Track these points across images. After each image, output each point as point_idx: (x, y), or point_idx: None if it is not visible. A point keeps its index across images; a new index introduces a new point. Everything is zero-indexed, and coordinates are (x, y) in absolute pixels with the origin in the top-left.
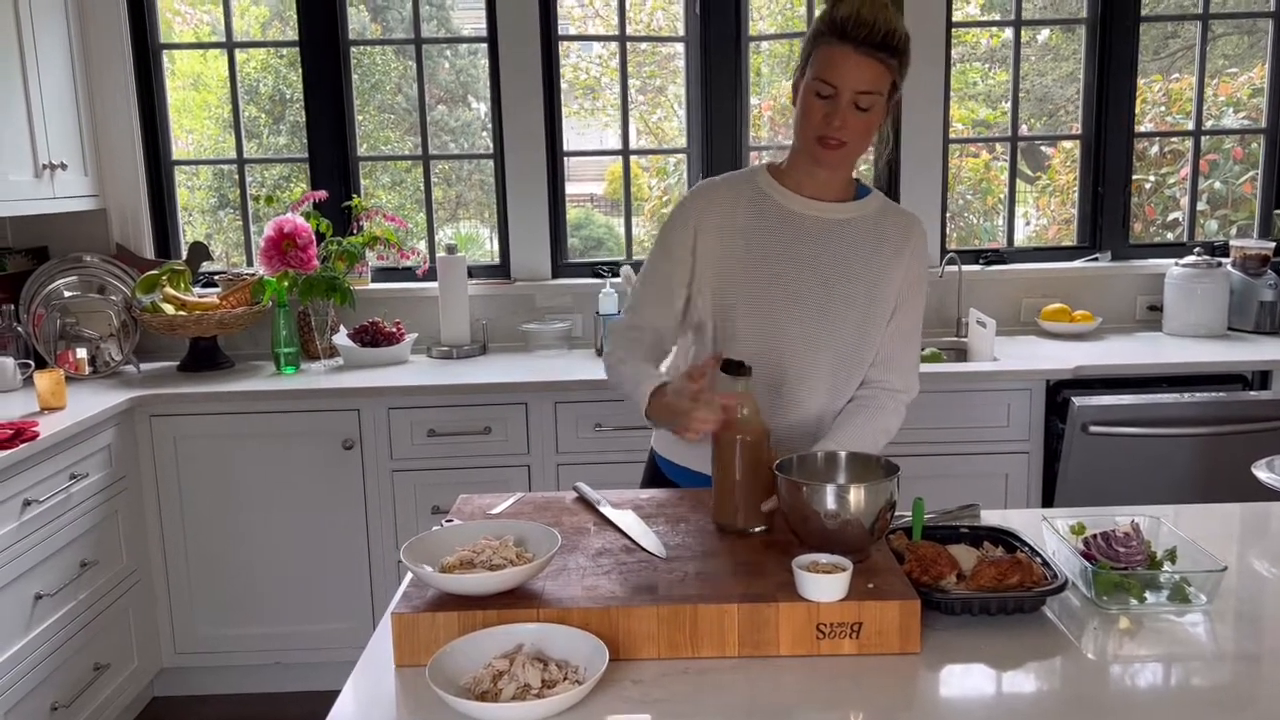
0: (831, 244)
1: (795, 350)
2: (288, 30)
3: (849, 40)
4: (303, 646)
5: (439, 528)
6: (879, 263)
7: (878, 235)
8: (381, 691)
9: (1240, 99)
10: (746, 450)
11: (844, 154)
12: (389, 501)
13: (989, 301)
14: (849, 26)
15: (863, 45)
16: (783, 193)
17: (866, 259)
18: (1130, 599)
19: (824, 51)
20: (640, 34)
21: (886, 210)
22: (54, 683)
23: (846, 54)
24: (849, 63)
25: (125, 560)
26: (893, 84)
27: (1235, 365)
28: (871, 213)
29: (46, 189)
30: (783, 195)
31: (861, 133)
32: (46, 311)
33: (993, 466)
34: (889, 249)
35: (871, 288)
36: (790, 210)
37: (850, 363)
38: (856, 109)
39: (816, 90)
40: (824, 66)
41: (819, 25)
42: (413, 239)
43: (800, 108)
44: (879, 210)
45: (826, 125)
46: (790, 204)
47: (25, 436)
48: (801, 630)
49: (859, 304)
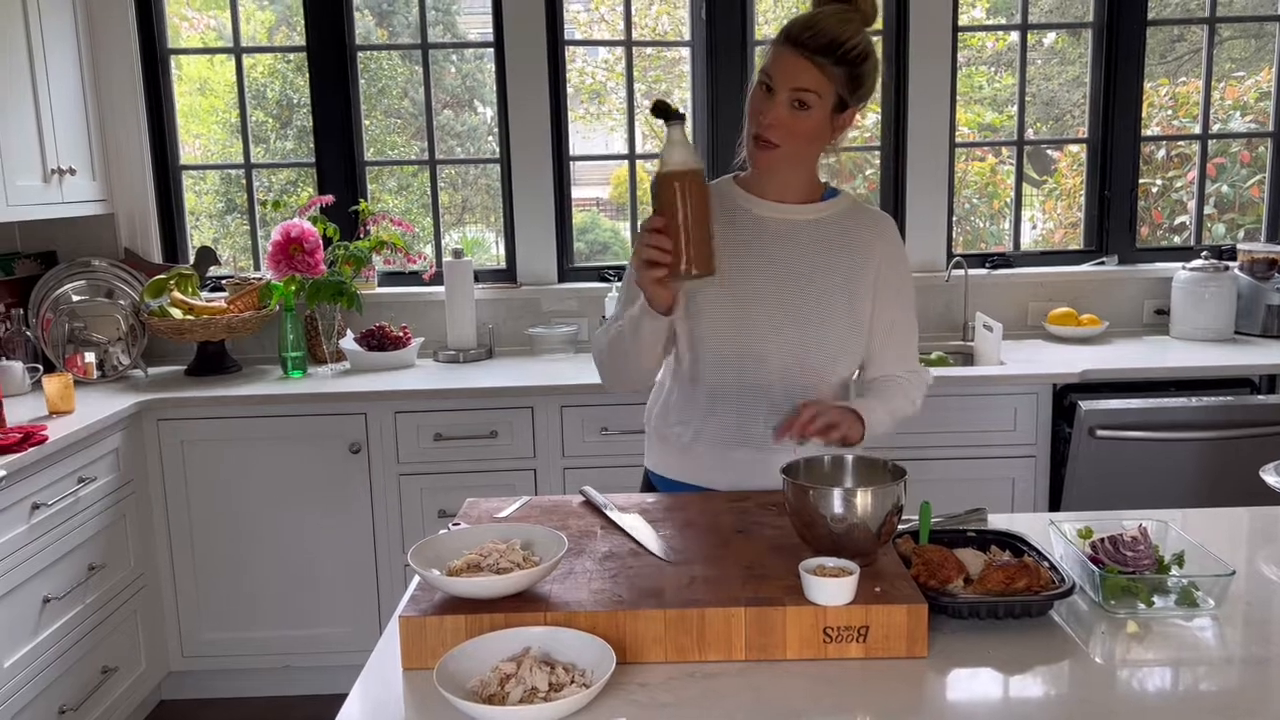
0: (801, 244)
1: (773, 353)
2: (295, 35)
3: (791, 42)
4: (310, 650)
5: (446, 531)
6: (850, 261)
7: (846, 234)
8: (389, 695)
9: (1247, 102)
10: (684, 191)
11: (778, 156)
12: (395, 505)
13: (995, 305)
14: (794, 30)
15: (803, 48)
16: (748, 198)
17: (837, 257)
18: (1138, 603)
19: (770, 51)
20: (646, 39)
21: (855, 210)
22: (62, 686)
23: (787, 53)
24: (787, 60)
25: (133, 564)
26: (839, 96)
27: (1243, 369)
28: (838, 213)
29: (55, 194)
30: (748, 200)
31: (796, 134)
32: (55, 316)
33: (1000, 470)
34: (860, 247)
35: (846, 284)
36: (757, 215)
37: (830, 360)
38: (792, 107)
39: (761, 83)
40: (767, 62)
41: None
42: (419, 243)
43: (746, 110)
44: (847, 210)
45: (759, 122)
46: (755, 208)
47: (34, 440)
48: (808, 634)
49: (835, 302)
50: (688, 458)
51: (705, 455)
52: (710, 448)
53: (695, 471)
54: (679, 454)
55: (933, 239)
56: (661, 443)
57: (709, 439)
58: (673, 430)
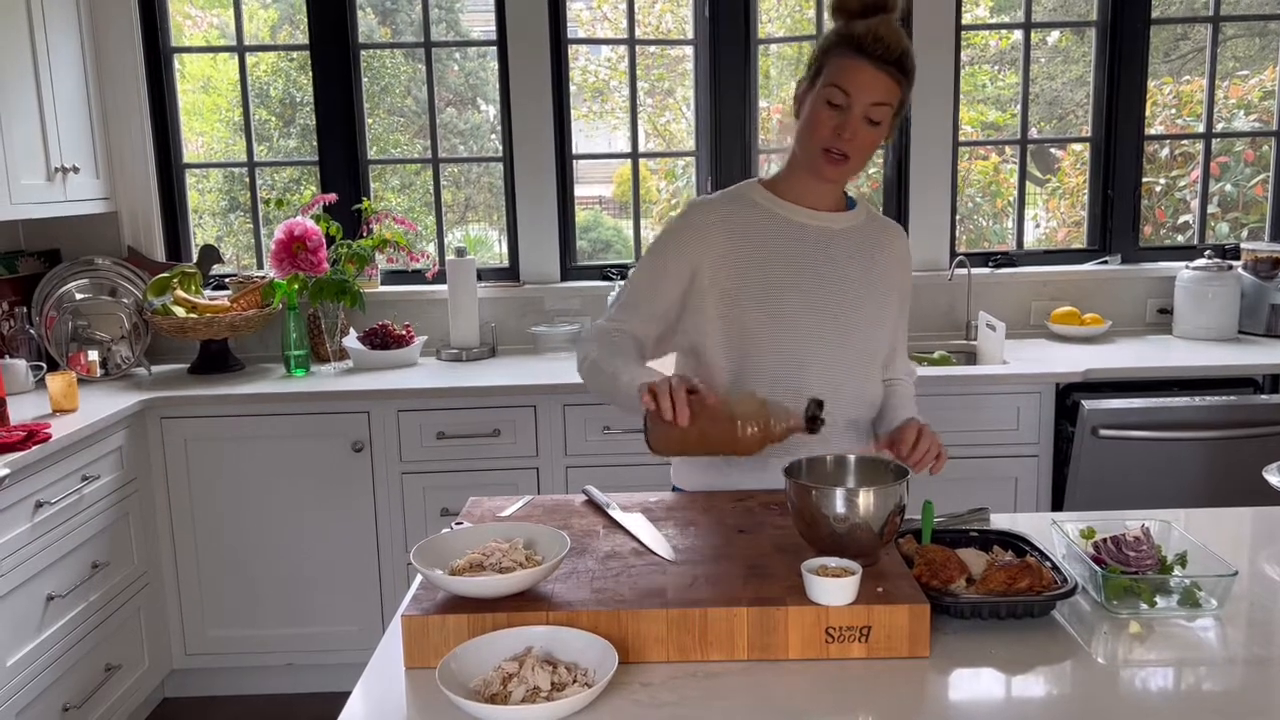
0: (836, 253)
1: (819, 359)
2: (297, 34)
3: (865, 54)
4: (312, 648)
5: (449, 530)
6: (878, 270)
7: (873, 243)
8: (391, 694)
9: (1251, 101)
10: (743, 428)
11: (846, 168)
12: (398, 503)
13: (998, 304)
14: (866, 42)
15: (879, 60)
16: (783, 205)
17: (867, 266)
18: (1140, 603)
19: (839, 62)
20: (649, 37)
21: (874, 219)
22: (65, 683)
23: (862, 64)
24: (866, 74)
25: (136, 562)
26: (900, 102)
27: (1246, 369)
28: (862, 222)
29: (58, 192)
30: (784, 208)
31: (866, 148)
32: (58, 314)
33: (1002, 470)
34: (883, 255)
35: (875, 292)
36: (797, 222)
37: (868, 366)
38: (867, 122)
39: (829, 98)
40: (839, 74)
41: (832, 39)
42: (422, 242)
43: (807, 119)
44: (868, 220)
45: (835, 137)
46: (795, 216)
47: (38, 438)
48: (810, 634)
49: (867, 308)
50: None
51: (742, 462)
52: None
53: (731, 479)
54: (707, 465)
55: (936, 238)
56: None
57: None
58: None
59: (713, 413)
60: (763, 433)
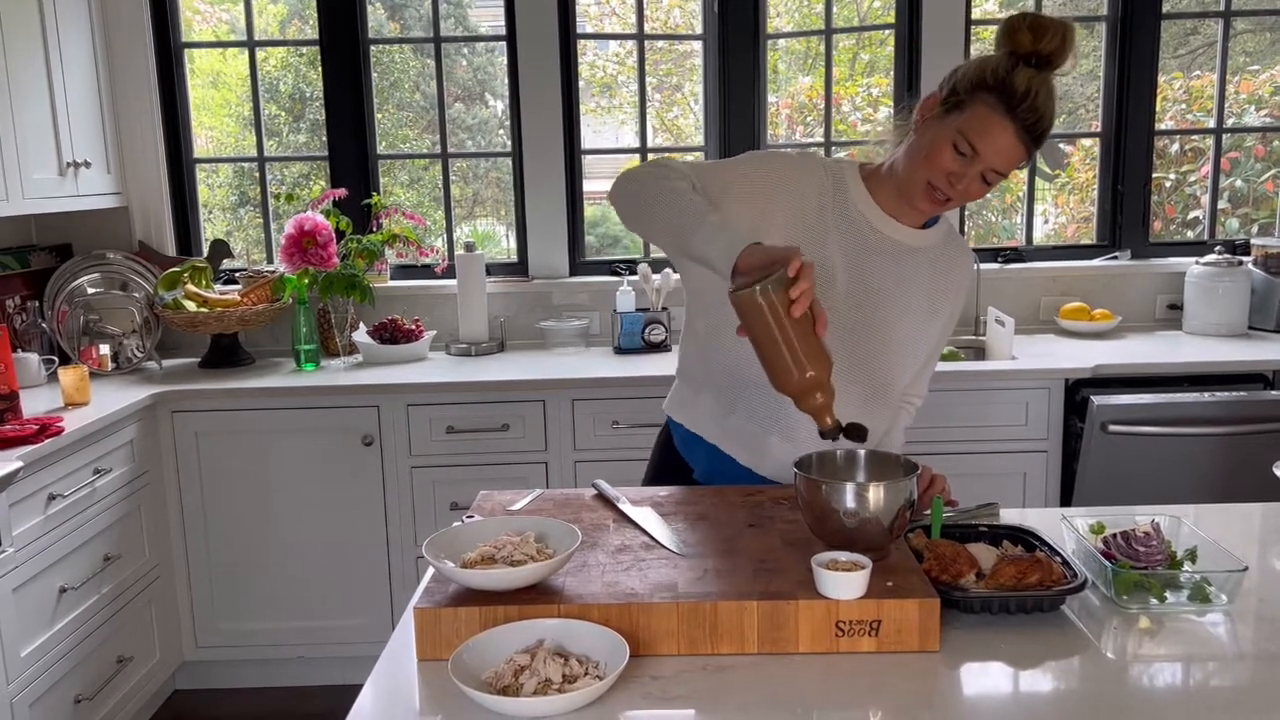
0: (896, 269)
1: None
2: (307, 29)
3: (1014, 117)
4: (323, 641)
5: (460, 523)
6: (936, 297)
7: (938, 267)
8: (403, 685)
9: (1262, 96)
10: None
11: (942, 209)
12: (408, 497)
13: (1007, 300)
14: (1020, 105)
15: (1021, 126)
16: (868, 202)
17: (926, 290)
18: (1150, 599)
19: (983, 111)
20: (658, 32)
21: (949, 240)
22: (77, 675)
23: (1006, 128)
24: (1005, 139)
25: (148, 554)
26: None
27: (1256, 364)
28: (936, 242)
29: (70, 187)
30: (867, 204)
31: (969, 198)
32: (70, 308)
33: (1011, 465)
34: (944, 282)
35: (922, 310)
36: (869, 222)
37: (876, 400)
38: (981, 179)
39: (957, 144)
40: (977, 128)
41: (989, 79)
42: (431, 237)
43: (927, 149)
44: (943, 239)
45: (949, 183)
46: (871, 215)
47: (50, 432)
48: (821, 628)
49: (907, 324)
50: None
51: (742, 428)
52: (745, 422)
53: (721, 436)
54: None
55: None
56: (695, 395)
57: (744, 413)
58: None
59: (810, 336)
60: (814, 387)
